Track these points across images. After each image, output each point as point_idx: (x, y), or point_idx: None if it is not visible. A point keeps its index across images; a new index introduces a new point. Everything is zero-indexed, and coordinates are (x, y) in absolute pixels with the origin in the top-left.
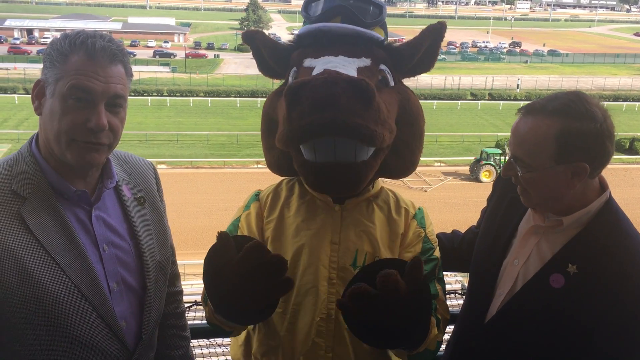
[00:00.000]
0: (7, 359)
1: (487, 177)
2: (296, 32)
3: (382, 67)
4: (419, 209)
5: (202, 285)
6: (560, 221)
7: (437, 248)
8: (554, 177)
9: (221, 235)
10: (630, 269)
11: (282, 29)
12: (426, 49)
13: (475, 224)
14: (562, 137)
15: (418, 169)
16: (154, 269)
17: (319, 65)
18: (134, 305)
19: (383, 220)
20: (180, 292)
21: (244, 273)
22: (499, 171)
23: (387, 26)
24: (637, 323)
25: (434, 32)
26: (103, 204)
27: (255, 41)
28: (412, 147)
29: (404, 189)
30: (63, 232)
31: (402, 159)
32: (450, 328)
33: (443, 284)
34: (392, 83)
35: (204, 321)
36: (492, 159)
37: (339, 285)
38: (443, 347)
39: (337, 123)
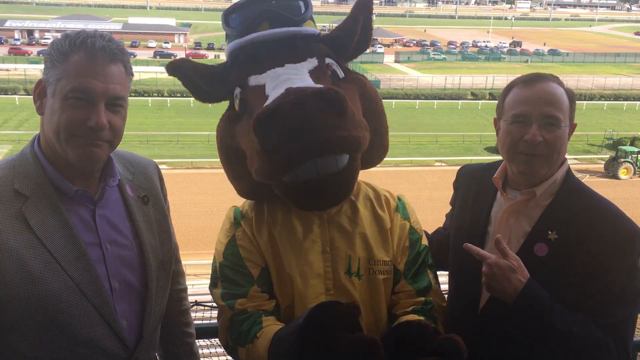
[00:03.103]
0: (8, 357)
1: (625, 174)
2: (224, 50)
3: (328, 60)
4: (399, 198)
5: (203, 286)
6: (533, 192)
7: (423, 235)
8: (565, 137)
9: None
10: (605, 224)
11: None
12: (360, 28)
13: (442, 227)
14: (568, 97)
15: None
16: (156, 268)
17: (269, 80)
18: (136, 304)
19: (369, 219)
20: (185, 290)
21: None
22: (636, 168)
23: (388, 26)
24: (621, 274)
25: (364, 8)
26: (106, 203)
27: (184, 70)
28: (381, 132)
29: None
30: (65, 232)
31: (375, 147)
32: None
33: (434, 269)
34: (342, 74)
35: (205, 321)
36: (629, 157)
37: (337, 295)
38: None
39: (320, 145)
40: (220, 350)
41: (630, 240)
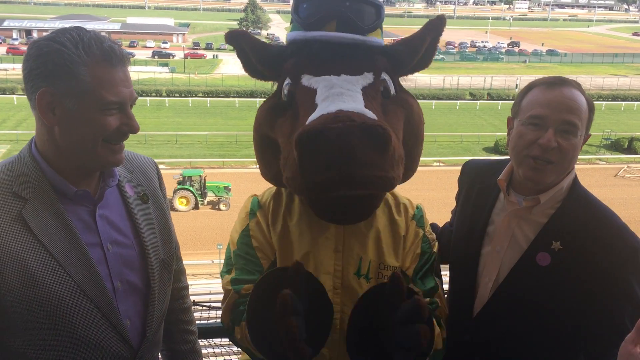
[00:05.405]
0: (11, 359)
1: None
2: (284, 36)
3: (384, 76)
4: (417, 207)
5: (201, 286)
6: (537, 199)
7: (436, 243)
8: (579, 147)
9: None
10: (611, 237)
11: (281, 29)
12: (425, 47)
13: (449, 222)
14: (589, 107)
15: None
16: (158, 267)
17: (322, 88)
18: (138, 303)
19: (385, 223)
20: (186, 288)
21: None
22: None
23: (386, 27)
24: (624, 289)
25: (434, 29)
26: (106, 203)
27: (240, 43)
28: (413, 156)
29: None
30: (65, 233)
31: (405, 169)
32: None
33: (440, 277)
34: (392, 91)
35: (203, 321)
36: None
37: (343, 294)
38: None
39: (355, 180)
40: (219, 350)
41: (635, 254)
